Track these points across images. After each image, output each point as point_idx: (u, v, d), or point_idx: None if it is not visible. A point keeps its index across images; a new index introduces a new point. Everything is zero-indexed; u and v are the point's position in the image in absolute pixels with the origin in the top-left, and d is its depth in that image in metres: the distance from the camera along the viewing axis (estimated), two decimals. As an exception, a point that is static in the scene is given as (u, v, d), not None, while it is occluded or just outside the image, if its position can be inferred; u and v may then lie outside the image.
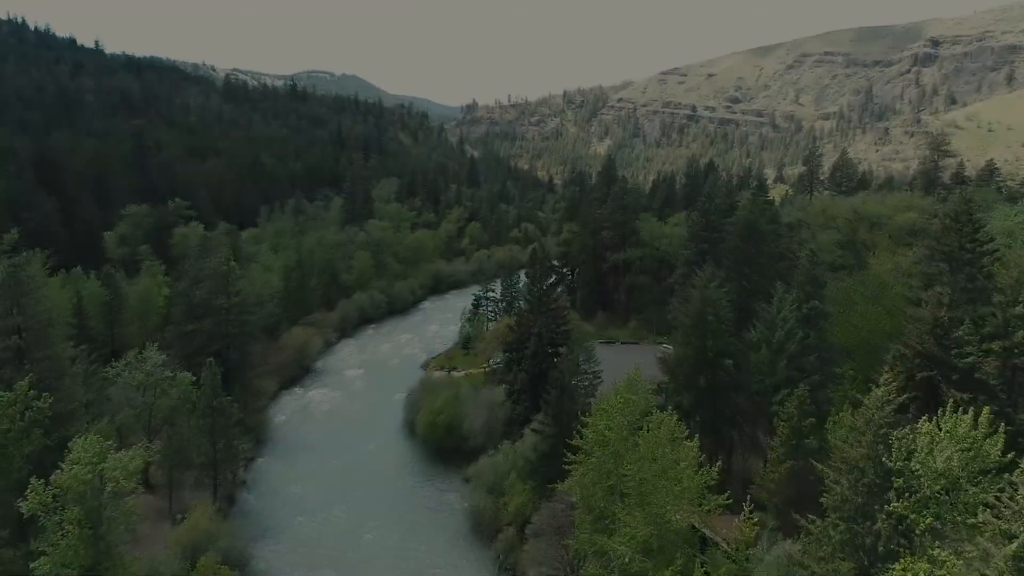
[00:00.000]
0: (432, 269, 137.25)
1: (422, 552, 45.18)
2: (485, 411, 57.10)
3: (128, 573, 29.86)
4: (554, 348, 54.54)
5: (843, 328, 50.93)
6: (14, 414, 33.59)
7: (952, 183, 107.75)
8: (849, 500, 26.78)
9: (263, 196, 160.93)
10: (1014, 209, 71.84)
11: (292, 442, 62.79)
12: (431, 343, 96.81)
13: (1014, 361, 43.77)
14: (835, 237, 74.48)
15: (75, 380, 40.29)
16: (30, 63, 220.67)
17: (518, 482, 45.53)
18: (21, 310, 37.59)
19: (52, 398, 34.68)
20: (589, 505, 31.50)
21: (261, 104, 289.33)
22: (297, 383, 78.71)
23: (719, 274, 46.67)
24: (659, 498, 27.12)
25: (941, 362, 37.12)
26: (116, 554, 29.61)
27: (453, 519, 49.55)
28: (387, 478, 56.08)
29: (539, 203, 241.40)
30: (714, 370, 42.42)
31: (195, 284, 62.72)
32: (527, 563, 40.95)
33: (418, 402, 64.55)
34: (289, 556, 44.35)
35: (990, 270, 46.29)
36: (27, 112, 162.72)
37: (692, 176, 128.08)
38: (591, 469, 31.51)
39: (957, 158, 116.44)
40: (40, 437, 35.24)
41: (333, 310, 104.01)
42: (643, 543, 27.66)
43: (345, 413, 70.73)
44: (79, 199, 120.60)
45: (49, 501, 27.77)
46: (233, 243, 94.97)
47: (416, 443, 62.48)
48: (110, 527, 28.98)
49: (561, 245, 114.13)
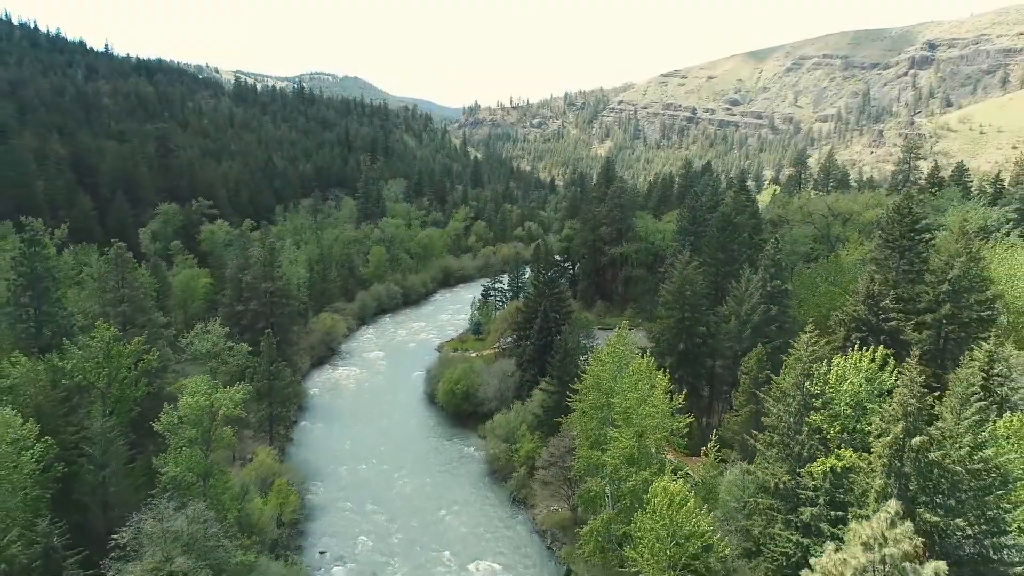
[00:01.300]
0: (441, 264, 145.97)
1: (447, 490, 53.91)
2: (497, 380, 65.81)
3: (228, 483, 38.51)
4: (557, 325, 63.14)
5: (807, 305, 59.68)
6: (129, 364, 42.29)
7: (928, 183, 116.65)
8: (783, 419, 35.41)
9: (276, 196, 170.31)
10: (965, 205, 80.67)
11: (327, 410, 71.44)
12: (443, 330, 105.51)
13: (944, 330, 52.97)
14: (809, 231, 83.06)
15: (165, 343, 48.94)
16: (46, 67, 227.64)
17: (527, 432, 54.17)
18: (126, 284, 46.30)
19: (157, 353, 43.37)
20: (586, 433, 40.19)
21: (270, 107, 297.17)
22: (326, 362, 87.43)
23: (697, 259, 55.28)
24: (639, 418, 35.79)
25: (871, 325, 45.77)
26: (220, 467, 38.33)
27: (472, 466, 58.28)
28: (412, 437, 64.82)
29: (541, 203, 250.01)
30: (691, 336, 51.07)
31: (242, 271, 71.40)
32: (536, 494, 49.63)
33: (437, 375, 73.23)
34: (336, 494, 53.02)
35: (925, 255, 54.99)
36: (49, 115, 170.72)
37: (686, 176, 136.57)
38: (588, 405, 40.20)
39: (929, 160, 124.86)
40: (145, 385, 44.02)
41: (352, 300, 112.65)
42: (627, 454, 36.33)
43: (371, 387, 79.45)
44: (112, 198, 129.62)
45: (175, 423, 36.43)
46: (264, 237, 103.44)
47: (436, 410, 71.19)
48: (217, 445, 37.67)
49: (563, 241, 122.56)
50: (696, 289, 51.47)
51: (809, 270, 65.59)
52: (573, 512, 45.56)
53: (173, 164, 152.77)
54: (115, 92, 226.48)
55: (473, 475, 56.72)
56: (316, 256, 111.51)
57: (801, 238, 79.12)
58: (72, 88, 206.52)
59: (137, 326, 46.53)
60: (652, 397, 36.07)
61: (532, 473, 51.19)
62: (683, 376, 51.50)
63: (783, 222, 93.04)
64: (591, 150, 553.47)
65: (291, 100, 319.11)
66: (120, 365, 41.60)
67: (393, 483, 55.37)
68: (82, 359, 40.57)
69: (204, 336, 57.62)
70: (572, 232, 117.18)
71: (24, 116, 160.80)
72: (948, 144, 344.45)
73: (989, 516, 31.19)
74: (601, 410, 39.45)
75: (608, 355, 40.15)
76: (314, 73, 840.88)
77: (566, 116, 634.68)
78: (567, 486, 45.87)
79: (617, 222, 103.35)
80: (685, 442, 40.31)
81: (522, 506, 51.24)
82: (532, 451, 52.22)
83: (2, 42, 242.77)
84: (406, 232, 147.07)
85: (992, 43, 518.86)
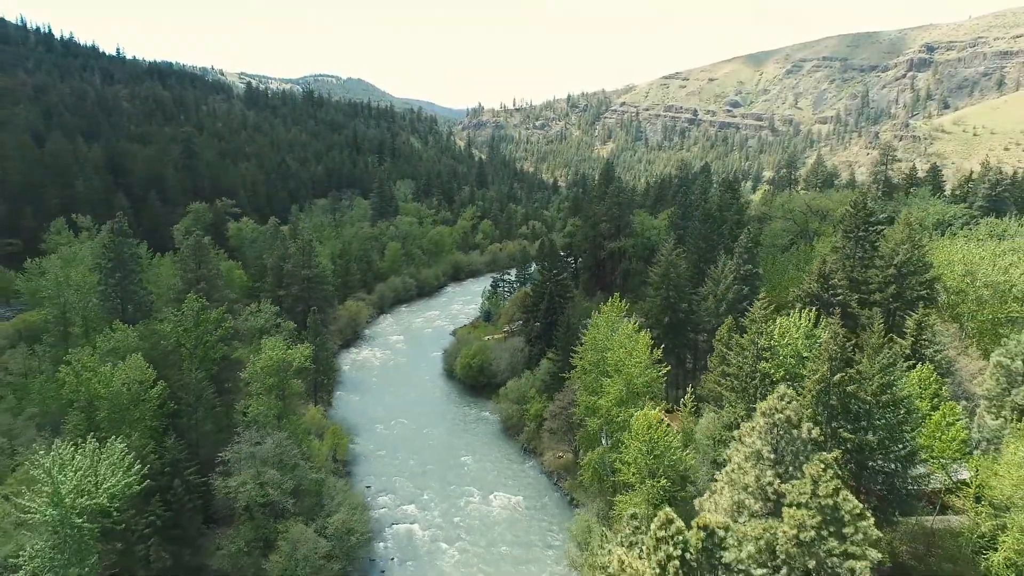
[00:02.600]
0: (451, 259, 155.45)
1: (467, 443, 63.30)
2: (508, 355, 75.20)
3: (299, 423, 47.93)
4: (561, 306, 72.44)
5: (778, 288, 68.92)
6: (211, 330, 51.74)
7: (905, 183, 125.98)
8: (741, 368, 44.66)
9: (291, 196, 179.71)
10: (927, 202, 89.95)
11: (358, 383, 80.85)
12: (456, 318, 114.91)
13: (891, 306, 62.42)
14: (788, 226, 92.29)
15: (232, 316, 58.42)
16: (62, 72, 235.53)
17: (536, 395, 63.49)
18: (203, 265, 55.80)
19: (232, 322, 52.85)
20: (585, 383, 49.55)
21: (280, 110, 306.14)
22: (352, 345, 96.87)
23: (681, 247, 64.61)
24: (627, 368, 45.13)
25: (822, 299, 55.01)
26: (292, 410, 47.75)
27: (488, 426, 67.70)
28: (435, 404, 74.27)
29: (544, 203, 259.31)
30: (675, 312, 60.38)
31: (282, 260, 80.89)
32: (544, 444, 58.97)
33: (454, 352, 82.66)
34: (374, 445, 62.41)
35: (877, 244, 64.24)
36: (73, 119, 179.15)
37: (682, 177, 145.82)
38: (587, 361, 49.55)
39: (904, 163, 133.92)
40: (222, 348, 53.46)
41: (371, 292, 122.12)
42: (618, 398, 45.66)
43: (394, 365, 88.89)
44: (145, 198, 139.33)
45: (258, 372, 45.82)
46: (294, 231, 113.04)
47: (454, 383, 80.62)
48: (290, 392, 47.08)
49: (566, 237, 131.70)
50: (679, 272, 60.84)
51: (783, 257, 74.93)
52: (575, 456, 54.87)
53: (197, 166, 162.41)
54: (133, 96, 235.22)
55: (489, 432, 66.13)
56: (338, 250, 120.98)
57: (778, 231, 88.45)
58: (93, 93, 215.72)
59: (213, 301, 55.97)
60: (636, 352, 45.42)
61: (540, 428, 60.52)
62: (669, 345, 60.72)
63: (767, 218, 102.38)
64: (593, 151, 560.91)
65: (300, 103, 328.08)
66: (205, 330, 51.02)
67: (421, 437, 64.78)
68: (176, 324, 50.00)
69: (257, 314, 67.06)
70: (574, 229, 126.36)
71: (50, 120, 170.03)
72: (942, 146, 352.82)
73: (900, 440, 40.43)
74: (597, 364, 48.79)
75: (602, 320, 49.57)
76: (318, 75, 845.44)
77: (568, 118, 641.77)
78: (570, 434, 55.22)
79: (615, 219, 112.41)
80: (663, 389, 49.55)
81: (532, 455, 60.59)
82: (540, 410, 61.52)
83: (20, 47, 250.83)
84: (418, 230, 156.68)
85: (989, 46, 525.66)
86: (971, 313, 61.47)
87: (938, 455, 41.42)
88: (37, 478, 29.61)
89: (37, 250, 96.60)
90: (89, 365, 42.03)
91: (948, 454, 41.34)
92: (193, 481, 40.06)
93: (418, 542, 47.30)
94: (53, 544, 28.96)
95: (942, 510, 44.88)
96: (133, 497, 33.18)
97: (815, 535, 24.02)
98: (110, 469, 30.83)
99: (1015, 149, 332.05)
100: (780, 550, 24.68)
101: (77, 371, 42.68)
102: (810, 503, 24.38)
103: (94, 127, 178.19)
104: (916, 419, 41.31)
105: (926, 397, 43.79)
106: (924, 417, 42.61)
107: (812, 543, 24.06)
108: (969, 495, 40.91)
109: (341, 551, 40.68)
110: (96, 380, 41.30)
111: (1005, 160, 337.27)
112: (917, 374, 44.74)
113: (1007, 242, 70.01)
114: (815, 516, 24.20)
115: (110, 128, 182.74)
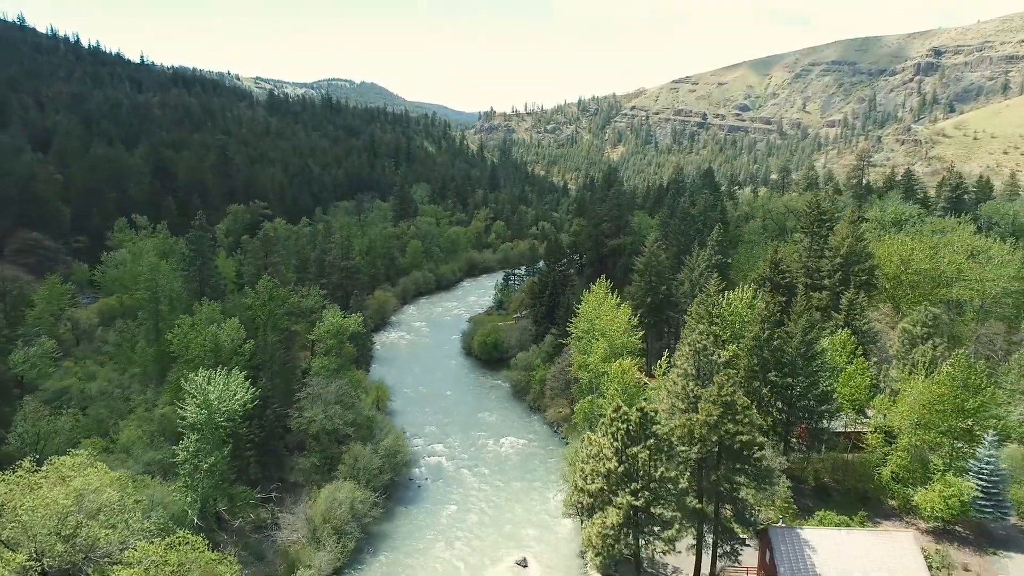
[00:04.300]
0: (466, 257, 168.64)
1: (482, 403, 76.17)
2: (517, 333, 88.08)
3: (353, 375, 60.92)
4: (562, 291, 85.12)
5: (748, 276, 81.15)
6: (280, 304, 64.93)
7: (884, 187, 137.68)
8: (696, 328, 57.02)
9: (314, 199, 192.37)
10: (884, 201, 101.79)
11: (388, 359, 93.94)
12: (472, 308, 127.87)
13: (838, 290, 74.59)
14: (764, 223, 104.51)
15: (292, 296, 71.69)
16: (93, 80, 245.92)
17: (540, 363, 76.24)
18: (271, 254, 69.08)
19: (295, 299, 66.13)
20: (579, 347, 62.20)
21: (301, 116, 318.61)
22: (381, 329, 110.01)
23: (663, 240, 77.16)
24: (610, 332, 57.80)
25: (773, 282, 67.33)
26: (350, 365, 60.83)
27: (500, 391, 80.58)
28: (455, 374, 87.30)
29: (554, 205, 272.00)
30: (656, 294, 72.91)
31: (324, 253, 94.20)
32: (546, 401, 71.69)
33: (471, 333, 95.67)
34: (404, 404, 75.41)
35: (827, 238, 76.22)
36: (112, 127, 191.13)
37: (678, 181, 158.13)
38: (580, 330, 62.26)
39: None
40: (286, 320, 66.62)
41: (396, 284, 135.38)
42: (603, 355, 58.31)
43: (419, 345, 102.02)
44: (188, 200, 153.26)
45: (323, 334, 58.85)
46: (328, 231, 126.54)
47: (471, 360, 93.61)
48: (346, 350, 60.13)
49: (572, 236, 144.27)
50: (660, 261, 73.39)
51: (754, 251, 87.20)
52: (570, 410, 67.48)
53: (230, 170, 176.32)
54: (163, 104, 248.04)
55: (501, 395, 79.03)
56: (365, 247, 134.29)
57: (756, 229, 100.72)
58: (127, 101, 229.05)
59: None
60: (617, 320, 58.06)
61: (543, 390, 73.21)
62: (652, 321, 73.31)
63: (749, 217, 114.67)
64: (604, 155, 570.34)
65: (319, 110, 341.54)
66: (276, 305, 64.19)
67: (444, 399, 77.76)
68: (255, 299, 63.20)
69: (308, 296, 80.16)
70: (579, 228, 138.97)
71: (90, 128, 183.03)
72: (942, 149, 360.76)
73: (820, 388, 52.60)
74: (588, 332, 61.47)
75: (592, 297, 62.30)
76: (332, 79, 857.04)
77: (579, 121, 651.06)
78: (567, 390, 67.86)
79: (616, 219, 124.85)
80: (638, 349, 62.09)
81: (537, 411, 73.37)
82: (543, 375, 74.22)
83: (51, 56, 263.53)
84: (436, 229, 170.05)
85: (995, 50, 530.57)
86: (905, 296, 73.46)
87: (849, 398, 53.68)
88: (191, 391, 42.59)
89: (103, 246, 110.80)
90: (198, 325, 55.29)
91: (858, 397, 53.64)
92: (278, 412, 53.11)
93: (445, 470, 60.19)
94: (201, 439, 41.95)
95: (856, 448, 56.93)
96: (245, 414, 46.17)
97: (717, 419, 36.51)
98: (238, 387, 43.83)
99: (1014, 153, 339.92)
100: (696, 432, 37.20)
101: (185, 332, 55.95)
102: (716, 399, 36.88)
103: (132, 134, 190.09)
104: (834, 371, 53.59)
105: (844, 355, 55.99)
106: (841, 370, 54.87)
107: (716, 425, 36.55)
108: (871, 426, 53.16)
109: (389, 466, 53.60)
110: (201, 338, 54.52)
111: (1004, 163, 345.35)
112: (839, 337, 56.99)
113: (944, 237, 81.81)
114: (718, 408, 36.69)
115: (144, 135, 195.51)
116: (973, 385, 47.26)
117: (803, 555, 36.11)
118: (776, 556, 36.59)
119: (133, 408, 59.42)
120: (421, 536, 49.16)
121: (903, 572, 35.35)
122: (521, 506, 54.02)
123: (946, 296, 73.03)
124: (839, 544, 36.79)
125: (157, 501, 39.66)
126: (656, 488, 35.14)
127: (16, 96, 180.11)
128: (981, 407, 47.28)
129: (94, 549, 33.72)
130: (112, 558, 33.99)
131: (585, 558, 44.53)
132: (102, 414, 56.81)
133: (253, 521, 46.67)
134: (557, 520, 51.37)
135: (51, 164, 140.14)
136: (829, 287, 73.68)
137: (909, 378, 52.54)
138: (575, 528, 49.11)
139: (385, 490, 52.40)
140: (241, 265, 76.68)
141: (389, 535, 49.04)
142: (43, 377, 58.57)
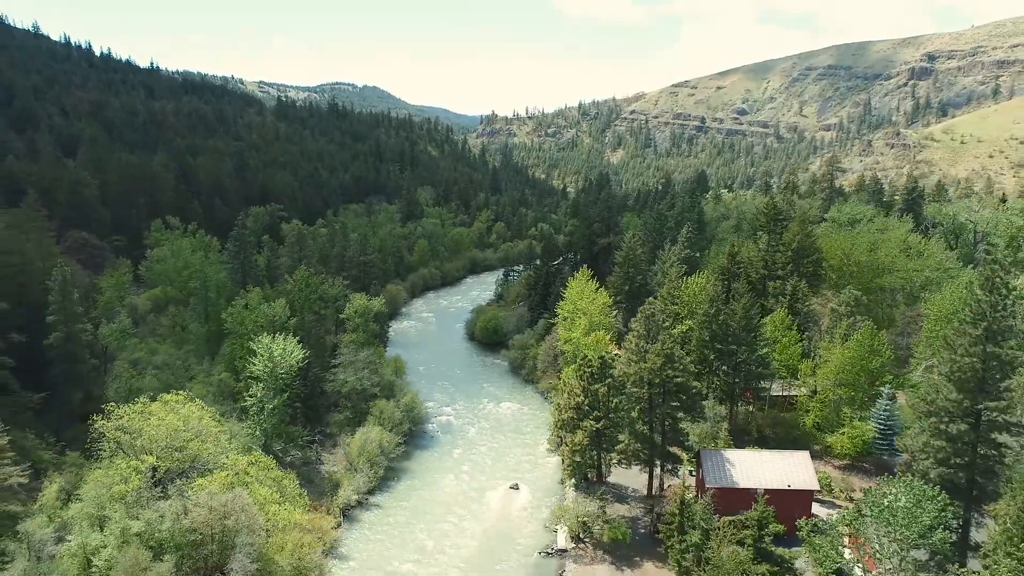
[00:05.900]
0: (469, 255, 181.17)
1: (484, 376, 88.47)
2: (515, 319, 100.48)
3: (378, 349, 73.17)
4: (553, 281, 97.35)
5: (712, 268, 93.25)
6: (314, 289, 77.28)
7: (854, 190, 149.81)
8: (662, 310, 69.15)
9: (324, 201, 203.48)
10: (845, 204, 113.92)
11: (400, 343, 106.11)
12: (475, 301, 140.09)
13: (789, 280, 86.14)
14: (735, 223, 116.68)
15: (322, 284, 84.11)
16: (106, 87, 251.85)
17: (534, 343, 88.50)
18: (303, 249, 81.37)
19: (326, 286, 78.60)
20: (565, 326, 74.48)
21: (308, 122, 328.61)
22: (393, 319, 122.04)
23: (641, 235, 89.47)
24: (592, 312, 70.09)
25: (731, 272, 79.45)
26: (373, 341, 73.16)
27: (499, 368, 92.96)
28: (460, 355, 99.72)
29: (553, 207, 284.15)
30: (633, 283, 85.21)
31: (344, 249, 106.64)
32: (539, 374, 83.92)
33: (474, 320, 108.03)
34: (417, 377, 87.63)
35: (781, 234, 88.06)
36: (131, 134, 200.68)
37: (664, 184, 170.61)
38: (566, 311, 74.56)
39: (851, 172, 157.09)
40: (319, 305, 78.93)
41: (404, 280, 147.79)
42: (584, 330, 70.57)
43: (427, 332, 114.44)
44: (211, 203, 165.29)
45: (351, 315, 71.15)
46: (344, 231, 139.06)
47: (474, 344, 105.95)
48: (371, 329, 72.47)
49: (566, 235, 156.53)
50: (637, 254, 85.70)
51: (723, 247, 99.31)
52: (559, 378, 79.67)
53: (246, 175, 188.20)
54: (177, 111, 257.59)
55: (500, 371, 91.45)
56: (377, 246, 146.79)
57: (728, 227, 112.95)
58: (143, 108, 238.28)
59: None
60: (595, 301, 70.36)
61: (536, 365, 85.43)
62: (629, 306, 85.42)
63: (725, 217, 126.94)
64: (603, 158, 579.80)
65: (326, 115, 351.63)
66: (311, 291, 76.57)
67: (451, 375, 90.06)
68: (294, 286, 75.54)
69: (333, 286, 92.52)
70: (574, 228, 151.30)
71: (112, 134, 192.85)
72: (930, 153, 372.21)
73: (759, 354, 64.64)
74: (574, 313, 73.74)
75: (575, 283, 74.62)
76: (335, 83, 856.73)
77: (580, 125, 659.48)
78: (555, 363, 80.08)
79: (606, 220, 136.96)
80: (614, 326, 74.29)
81: (531, 383, 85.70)
82: (536, 354, 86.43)
83: (66, 63, 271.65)
84: (441, 230, 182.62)
85: (988, 55, 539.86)
86: (846, 284, 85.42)
87: (785, 363, 65.82)
88: (258, 350, 54.94)
89: (140, 244, 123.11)
90: (251, 306, 67.74)
91: (791, 363, 65.78)
92: (317, 375, 65.47)
93: (453, 426, 72.54)
94: (265, 387, 54.30)
95: (791, 408, 68.76)
96: (295, 372, 58.50)
97: (660, 366, 48.69)
98: (294, 347, 56.23)
99: (998, 156, 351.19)
100: (645, 377, 49.42)
101: (239, 311, 68.32)
102: (660, 352, 49.06)
103: (150, 140, 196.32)
104: (771, 342, 65.68)
105: (781, 330, 68.07)
106: (777, 341, 66.99)
107: (659, 370, 48.73)
108: (800, 385, 65.32)
109: (408, 418, 65.95)
110: (255, 315, 66.89)
111: (989, 167, 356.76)
112: (777, 315, 69.16)
113: (887, 233, 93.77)
114: (661, 358, 48.88)
115: (161, 141, 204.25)
116: (876, 349, 59.44)
117: (724, 468, 48.21)
118: (704, 470, 48.72)
119: (193, 376, 71.77)
120: (434, 469, 61.50)
121: (798, 480, 47.45)
122: (515, 451, 66.28)
123: (881, 284, 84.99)
124: (752, 461, 48.92)
125: (234, 433, 51.94)
126: (612, 416, 47.37)
127: (41, 104, 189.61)
128: (882, 366, 59.42)
129: (197, 459, 45.97)
130: (209, 466, 46.22)
131: (564, 484, 56.77)
132: (169, 379, 69.06)
133: (302, 458, 58.98)
134: (545, 460, 63.61)
135: (85, 170, 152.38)
136: (782, 277, 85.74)
137: (830, 346, 64.69)
138: (557, 464, 61.36)
139: (405, 436, 64.74)
140: (269, 260, 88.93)
141: (408, 469, 61.46)
142: (121, 349, 70.85)
